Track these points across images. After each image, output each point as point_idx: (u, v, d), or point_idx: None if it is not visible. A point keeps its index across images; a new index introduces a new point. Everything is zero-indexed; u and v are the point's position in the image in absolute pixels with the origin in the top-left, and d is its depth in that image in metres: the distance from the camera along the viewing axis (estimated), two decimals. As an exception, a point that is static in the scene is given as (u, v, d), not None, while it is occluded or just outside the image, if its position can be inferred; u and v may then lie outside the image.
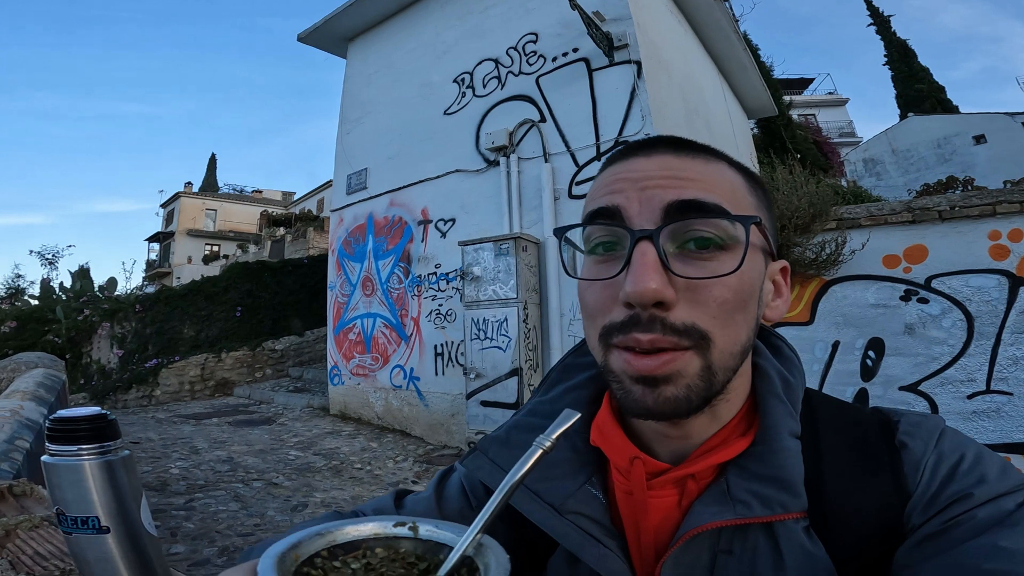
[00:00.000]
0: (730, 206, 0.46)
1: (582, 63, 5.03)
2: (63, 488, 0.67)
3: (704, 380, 0.45)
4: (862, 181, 14.25)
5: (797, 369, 0.54)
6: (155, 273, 30.01)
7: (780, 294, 0.54)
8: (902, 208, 3.53)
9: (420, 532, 0.35)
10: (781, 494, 0.46)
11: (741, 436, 0.50)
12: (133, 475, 0.71)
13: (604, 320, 0.47)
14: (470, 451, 0.59)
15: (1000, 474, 0.45)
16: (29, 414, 2.48)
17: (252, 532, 3.29)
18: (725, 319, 0.45)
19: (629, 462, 0.51)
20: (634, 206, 0.46)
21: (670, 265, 0.44)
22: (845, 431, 0.51)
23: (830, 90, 24.53)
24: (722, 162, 0.50)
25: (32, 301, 10.74)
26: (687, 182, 0.46)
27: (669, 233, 0.45)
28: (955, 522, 0.43)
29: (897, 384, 3.45)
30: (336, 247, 7.04)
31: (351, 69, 7.26)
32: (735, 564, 0.47)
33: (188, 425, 6.39)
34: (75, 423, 0.67)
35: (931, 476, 0.46)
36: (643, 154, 0.49)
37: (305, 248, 17.18)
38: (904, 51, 20.37)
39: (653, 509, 0.50)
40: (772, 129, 11.01)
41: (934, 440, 0.48)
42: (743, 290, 0.46)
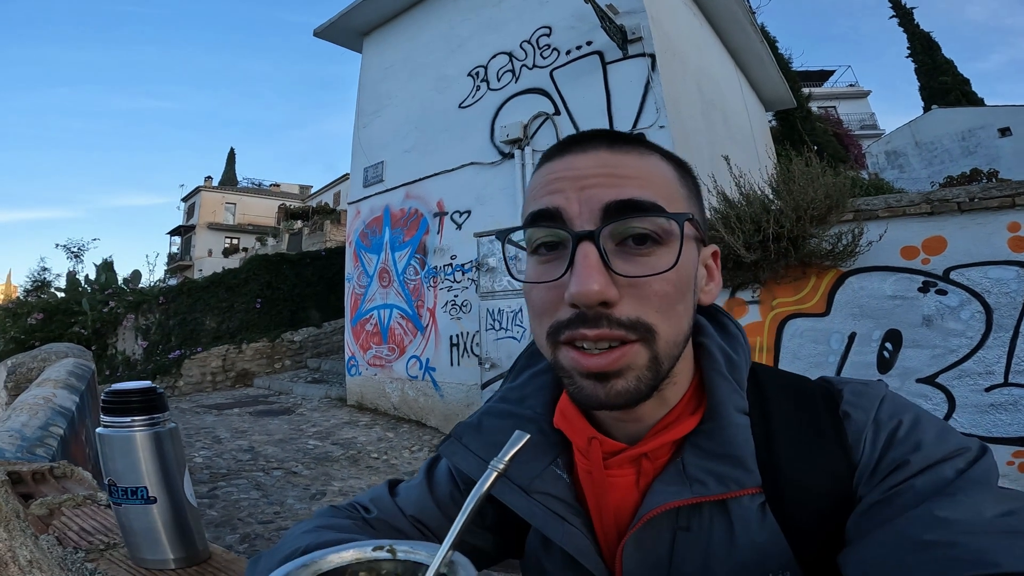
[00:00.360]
0: (665, 200, 0.48)
1: (596, 56, 5.03)
2: (115, 459, 0.72)
3: (652, 370, 0.47)
4: (884, 173, 14.02)
5: (741, 346, 0.55)
6: (177, 266, 30.52)
7: (712, 278, 0.55)
8: (920, 200, 3.48)
9: (398, 554, 0.39)
10: (735, 471, 0.48)
11: (691, 415, 0.52)
12: (178, 447, 0.76)
13: (551, 319, 0.48)
14: (446, 437, 0.62)
15: (936, 439, 0.46)
16: (62, 401, 2.54)
17: (272, 520, 3.38)
18: (667, 311, 0.47)
19: (588, 442, 0.53)
20: (574, 207, 0.47)
21: (611, 264, 0.46)
22: (793, 404, 0.52)
23: (851, 82, 24.15)
24: (655, 154, 0.51)
25: (58, 293, 10.95)
26: (624, 179, 0.47)
27: (609, 232, 0.46)
28: (896, 491, 0.44)
29: (914, 376, 3.42)
30: (353, 239, 7.12)
31: (367, 63, 7.31)
32: (692, 540, 0.49)
33: (211, 415, 6.55)
34: (128, 395, 0.73)
35: (872, 445, 0.48)
36: (579, 150, 0.50)
37: (322, 241, 17.35)
38: (928, 43, 20.07)
39: (612, 488, 0.53)
40: (790, 121, 10.88)
41: (874, 408, 0.49)
42: (681, 282, 0.48)
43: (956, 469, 0.44)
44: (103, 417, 0.73)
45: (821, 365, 3.71)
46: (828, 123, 13.23)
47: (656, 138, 4.57)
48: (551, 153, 0.53)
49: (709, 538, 0.49)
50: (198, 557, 0.79)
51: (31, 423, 1.95)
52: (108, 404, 0.73)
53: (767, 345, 3.92)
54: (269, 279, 10.04)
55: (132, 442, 0.72)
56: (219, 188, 34.27)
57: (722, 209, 3.88)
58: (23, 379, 3.31)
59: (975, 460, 0.45)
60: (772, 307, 3.92)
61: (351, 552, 0.38)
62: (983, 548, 0.37)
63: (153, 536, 0.76)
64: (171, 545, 0.76)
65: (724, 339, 0.56)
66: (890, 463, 0.46)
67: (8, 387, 3.27)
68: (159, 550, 0.76)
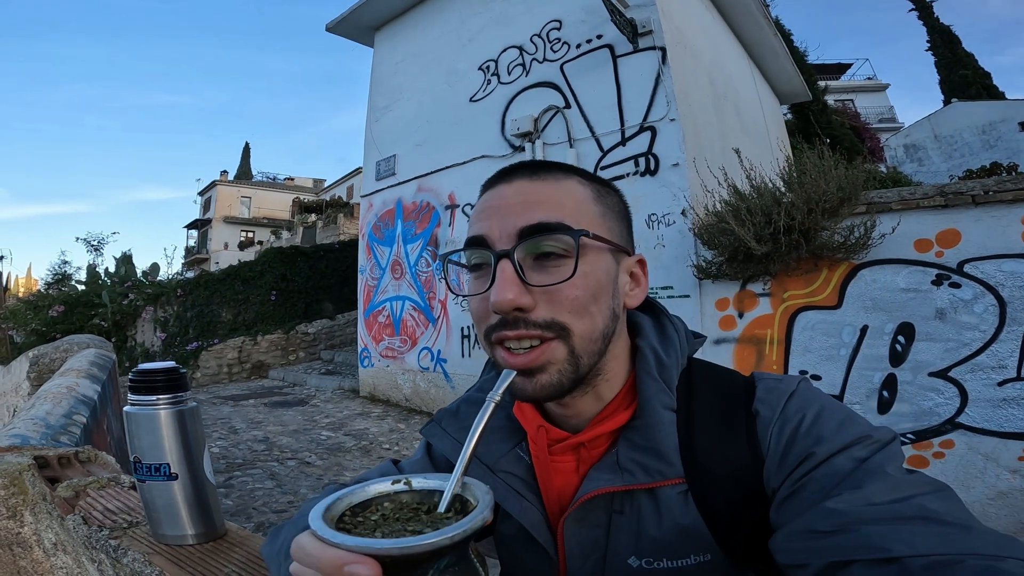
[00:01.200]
0: (572, 220, 0.55)
1: (606, 49, 5.01)
2: (141, 436, 0.77)
3: (571, 364, 0.54)
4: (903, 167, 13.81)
5: (674, 348, 0.61)
6: (194, 259, 30.89)
7: (638, 284, 0.62)
8: (934, 192, 3.45)
9: (414, 484, 0.44)
10: (659, 463, 0.54)
11: (625, 409, 0.59)
12: (199, 425, 0.80)
13: (485, 324, 0.56)
14: (429, 421, 0.69)
15: (836, 430, 0.50)
16: (84, 391, 2.61)
17: (286, 509, 3.44)
18: (580, 311, 0.54)
19: (536, 430, 0.61)
20: (495, 232, 0.56)
21: (526, 276, 0.54)
22: (714, 401, 0.58)
23: (869, 75, 23.89)
24: (573, 178, 0.59)
25: (79, 286, 11.16)
26: (536, 205, 0.55)
27: (524, 249, 0.54)
28: (800, 484, 0.48)
29: (927, 370, 3.39)
30: (366, 232, 7.18)
31: (378, 58, 7.33)
32: (625, 522, 0.56)
33: (227, 406, 6.67)
34: (153, 375, 0.77)
35: (777, 440, 0.52)
36: (505, 181, 0.59)
37: (336, 233, 17.48)
38: (948, 37, 19.93)
39: (556, 472, 0.60)
40: (806, 114, 10.74)
41: (781, 404, 0.54)
42: (590, 287, 0.55)
43: (855, 459, 0.47)
44: (130, 396, 0.78)
45: (833, 358, 3.69)
46: (845, 116, 13.02)
47: (666, 131, 4.56)
48: (486, 185, 0.61)
49: (639, 520, 0.55)
50: (215, 533, 0.84)
51: (55, 411, 2.00)
52: (135, 383, 0.77)
53: (777, 338, 3.91)
54: (284, 272, 10.15)
55: (156, 420, 0.76)
56: (235, 182, 34.59)
57: (733, 201, 3.86)
58: (46, 369, 3.40)
59: (878, 449, 0.48)
60: (783, 299, 3.90)
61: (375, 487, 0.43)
62: (873, 535, 0.40)
63: (174, 512, 0.80)
64: (190, 521, 0.81)
65: (660, 340, 0.62)
66: (796, 456, 0.50)
67: (31, 377, 3.37)
68: (179, 526, 0.80)
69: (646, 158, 4.68)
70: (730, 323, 4.11)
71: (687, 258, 4.27)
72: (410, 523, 0.39)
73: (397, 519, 0.40)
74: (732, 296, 4.11)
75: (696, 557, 0.53)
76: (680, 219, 4.41)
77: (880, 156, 14.08)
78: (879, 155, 13.96)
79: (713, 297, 4.20)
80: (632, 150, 4.77)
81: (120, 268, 11.13)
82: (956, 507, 0.42)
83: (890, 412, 3.47)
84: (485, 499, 0.39)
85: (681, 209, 4.38)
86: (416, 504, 0.42)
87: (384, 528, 0.39)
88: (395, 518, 0.40)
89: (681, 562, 0.53)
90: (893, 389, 3.49)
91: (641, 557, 0.54)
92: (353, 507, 0.41)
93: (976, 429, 3.21)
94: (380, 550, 0.34)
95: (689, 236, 4.31)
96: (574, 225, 0.54)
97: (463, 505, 0.41)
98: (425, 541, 0.34)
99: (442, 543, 0.34)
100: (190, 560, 0.77)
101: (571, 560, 0.57)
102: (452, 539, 0.34)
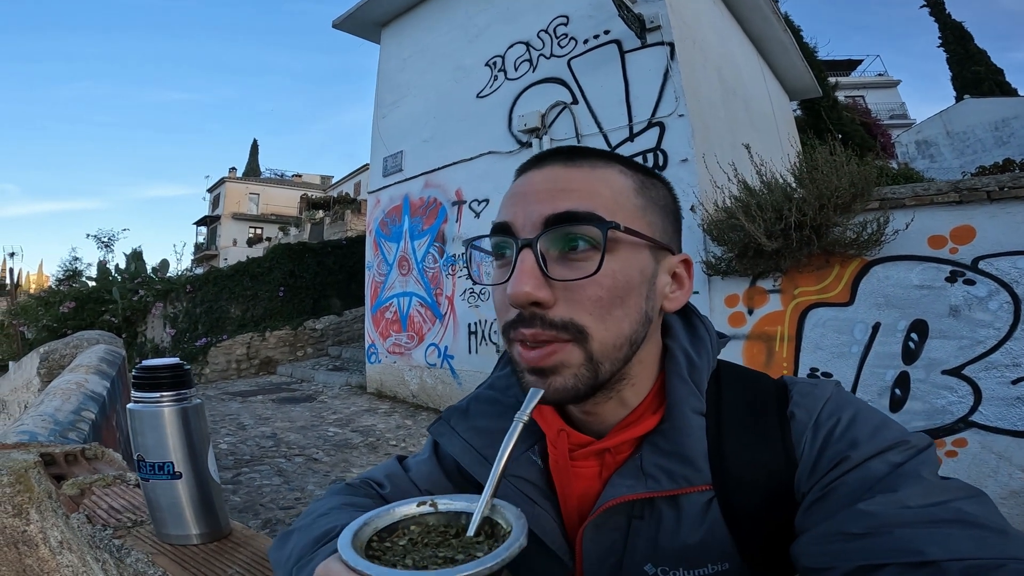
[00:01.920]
0: (607, 211, 0.50)
1: (614, 45, 4.98)
2: (145, 434, 0.76)
3: (589, 370, 0.50)
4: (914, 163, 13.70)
5: (705, 350, 0.58)
6: (203, 255, 31.12)
7: (681, 286, 0.58)
8: (949, 188, 3.40)
9: (440, 507, 0.43)
10: (685, 469, 0.52)
11: (653, 413, 0.56)
12: (203, 423, 0.79)
13: (504, 319, 0.53)
14: (437, 419, 0.66)
15: (871, 435, 0.48)
16: (93, 387, 2.62)
17: (292, 506, 3.44)
18: (601, 314, 0.50)
19: (557, 434, 0.58)
20: (520, 219, 0.52)
21: (549, 269, 0.50)
22: (746, 405, 0.55)
23: (880, 72, 23.80)
24: (613, 167, 0.54)
25: (89, 283, 11.24)
26: (567, 193, 0.51)
27: (548, 239, 0.51)
28: (831, 487, 0.47)
29: (940, 368, 3.35)
30: (373, 228, 7.19)
31: (385, 54, 7.32)
32: (644, 528, 0.54)
33: (235, 402, 6.71)
34: (157, 371, 0.76)
35: (811, 444, 0.50)
36: (537, 167, 0.55)
37: (343, 230, 17.54)
38: (960, 33, 19.92)
39: (576, 477, 0.57)
40: (816, 110, 10.64)
41: (817, 408, 0.52)
42: (617, 287, 0.50)
43: (890, 463, 0.46)
44: (134, 393, 0.76)
45: (844, 355, 3.66)
46: (855, 112, 12.89)
47: (675, 127, 4.52)
48: (519, 170, 0.58)
49: (659, 526, 0.53)
50: (220, 533, 0.83)
51: (64, 408, 2.01)
52: (139, 380, 0.76)
53: (787, 335, 3.87)
54: (292, 268, 10.18)
55: (160, 417, 0.75)
56: (243, 179, 34.77)
57: (742, 197, 3.83)
58: (56, 365, 3.42)
59: (913, 454, 0.46)
60: (794, 296, 3.87)
61: (400, 510, 0.42)
62: (907, 538, 0.39)
63: (178, 511, 0.79)
64: (194, 521, 0.80)
65: (691, 342, 0.59)
66: (829, 461, 0.48)
67: (42, 373, 3.39)
68: (183, 525, 0.79)
69: (654, 154, 4.65)
70: (740, 320, 4.08)
71: (696, 254, 4.24)
72: (440, 548, 0.38)
73: (426, 544, 0.39)
74: (742, 293, 4.08)
75: (714, 566, 0.51)
76: (689, 215, 4.38)
77: (891, 152, 13.96)
78: (890, 151, 13.83)
79: (722, 294, 4.17)
80: (640, 146, 4.74)
81: (130, 264, 11.20)
82: (992, 512, 0.41)
83: (903, 410, 3.43)
84: (519, 524, 0.37)
85: (690, 205, 4.35)
86: (443, 527, 0.41)
87: (414, 554, 0.38)
88: (424, 543, 0.39)
89: (698, 571, 0.52)
90: (906, 387, 3.45)
91: (657, 565, 0.53)
92: (379, 531, 0.40)
93: (990, 428, 3.17)
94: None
95: (698, 232, 4.28)
96: (607, 217, 0.50)
97: (492, 528, 0.40)
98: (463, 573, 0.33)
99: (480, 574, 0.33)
100: (194, 560, 0.76)
101: (588, 565, 0.56)
102: (491, 569, 0.33)
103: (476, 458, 0.60)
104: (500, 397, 0.64)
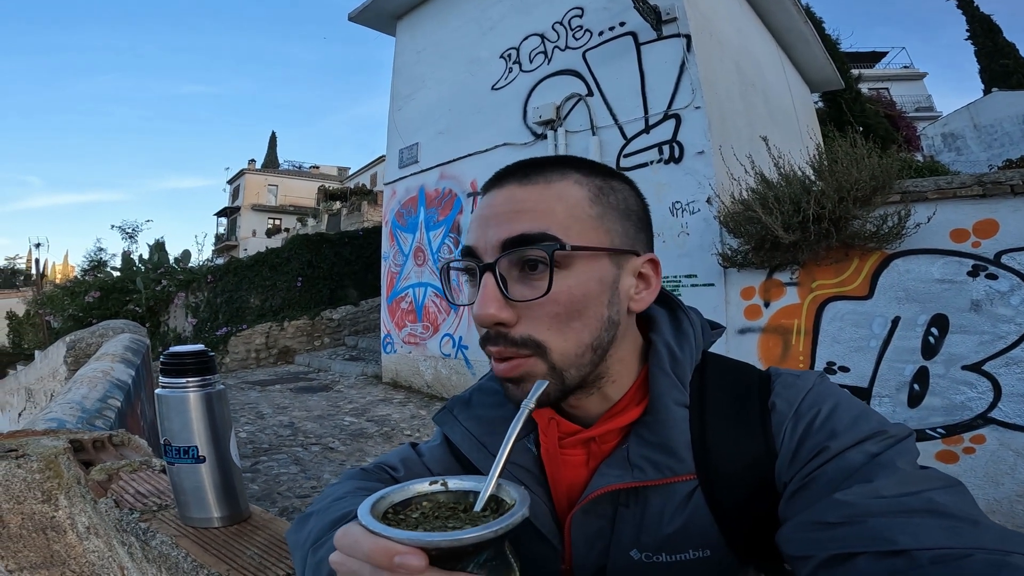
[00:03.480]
0: (561, 227, 0.52)
1: (629, 37, 4.94)
2: (171, 419, 0.79)
3: (555, 377, 0.53)
4: (940, 156, 13.39)
5: (688, 343, 0.60)
6: (224, 246, 31.52)
7: (648, 285, 0.59)
8: (972, 182, 3.33)
9: (450, 486, 0.45)
10: (669, 459, 0.54)
11: (637, 404, 0.58)
12: (226, 408, 0.82)
13: (480, 334, 0.56)
14: (441, 408, 0.69)
15: (851, 425, 0.49)
16: (119, 375, 2.68)
17: (309, 494, 3.50)
18: (560, 328, 0.53)
19: (547, 423, 0.60)
20: (481, 243, 0.55)
21: (509, 290, 0.53)
22: (728, 396, 0.57)
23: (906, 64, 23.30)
24: (566, 179, 0.56)
25: (114, 273, 11.48)
26: (520, 215, 0.53)
27: (507, 262, 0.53)
28: (811, 477, 0.48)
29: (960, 363, 3.30)
30: (389, 219, 7.24)
31: (400, 47, 7.33)
32: (630, 515, 0.56)
33: (255, 391, 6.83)
34: (183, 357, 0.79)
35: (791, 435, 0.52)
36: (497, 187, 0.57)
37: (360, 221, 17.63)
38: (988, 26, 19.64)
39: (565, 465, 0.60)
40: (838, 103, 10.41)
41: (798, 399, 0.54)
42: (574, 302, 0.53)
43: (867, 453, 0.47)
44: (161, 379, 0.80)
45: (862, 349, 3.62)
46: (879, 105, 12.61)
47: (691, 119, 4.48)
48: (483, 189, 0.60)
49: (643, 514, 0.56)
50: (240, 516, 0.86)
51: (91, 395, 2.07)
52: (166, 365, 0.80)
53: (804, 328, 3.84)
54: (310, 258, 10.29)
55: (186, 402, 0.79)
56: (262, 171, 35.10)
57: (760, 190, 3.79)
58: (82, 354, 3.52)
59: (891, 444, 0.47)
60: (811, 289, 3.83)
61: (414, 487, 0.45)
62: (880, 527, 0.40)
63: (201, 495, 0.82)
64: (216, 504, 0.83)
65: (675, 336, 0.60)
66: (809, 451, 0.50)
67: (68, 362, 3.49)
68: (206, 508, 0.83)
69: (670, 146, 4.61)
70: (756, 312, 4.05)
71: (712, 246, 4.21)
72: (450, 520, 0.41)
73: (436, 517, 0.42)
74: (758, 285, 4.05)
75: (695, 552, 0.54)
76: (704, 207, 4.34)
77: (916, 145, 13.65)
78: (915, 144, 13.53)
79: (738, 286, 4.14)
80: (656, 138, 4.70)
81: (153, 255, 11.41)
82: (965, 502, 0.42)
83: (921, 406, 3.39)
84: (522, 499, 0.40)
85: (706, 197, 4.31)
86: (453, 503, 0.44)
87: (425, 525, 0.41)
88: (435, 516, 0.42)
89: (679, 556, 0.54)
90: (925, 382, 3.40)
91: (642, 551, 0.55)
92: (394, 505, 0.43)
93: (1009, 425, 3.12)
94: (429, 542, 0.35)
95: (714, 224, 4.25)
96: (561, 233, 0.52)
97: (498, 505, 0.42)
98: (472, 534, 0.36)
99: (486, 536, 0.36)
100: (215, 542, 0.79)
101: (576, 549, 0.58)
102: (496, 532, 0.36)
103: (475, 445, 0.63)
104: (501, 388, 0.66)
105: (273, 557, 0.76)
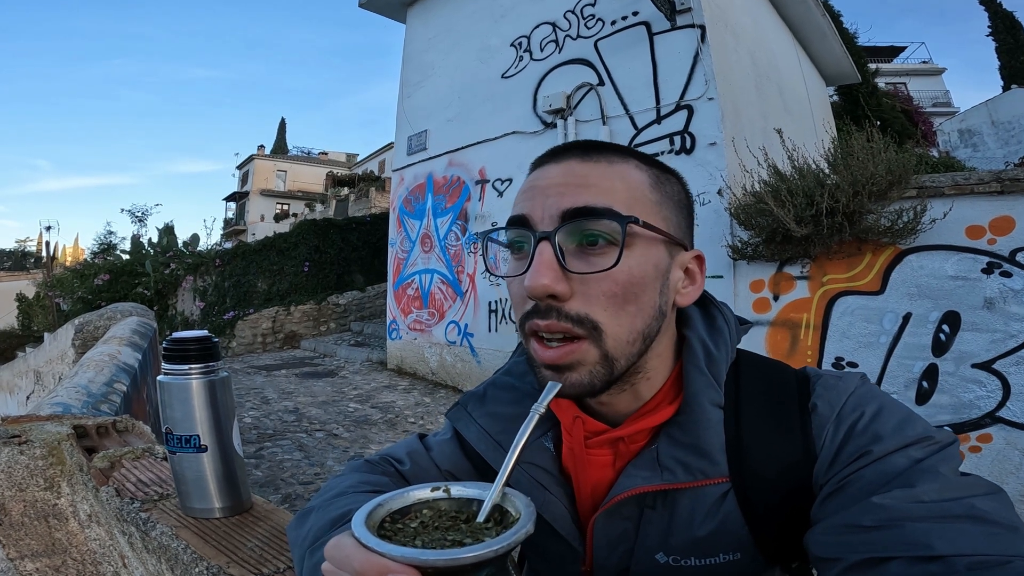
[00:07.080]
0: (624, 206, 0.50)
1: (642, 27, 4.87)
2: (173, 406, 0.77)
3: (604, 367, 0.51)
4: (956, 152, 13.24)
5: (724, 340, 0.57)
6: (232, 230, 31.69)
7: (693, 281, 0.57)
8: (991, 178, 3.27)
9: (452, 493, 0.43)
10: (702, 461, 0.52)
11: (669, 404, 0.56)
12: (229, 396, 0.81)
13: (520, 311, 0.53)
14: (455, 404, 0.67)
15: (895, 430, 0.48)
16: (126, 359, 2.68)
17: (312, 481, 3.51)
18: (615, 310, 0.50)
19: (572, 421, 0.58)
20: (538, 213, 0.52)
21: (566, 262, 0.50)
22: (765, 397, 0.55)
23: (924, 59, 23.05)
24: (629, 162, 0.54)
25: (123, 256, 11.51)
26: (584, 188, 0.51)
27: (566, 233, 0.51)
28: (848, 480, 0.47)
29: (970, 361, 3.26)
30: (397, 205, 7.23)
31: (411, 34, 7.27)
32: (656, 518, 0.54)
33: (260, 376, 6.86)
34: (186, 343, 0.78)
35: (832, 437, 0.50)
36: (554, 161, 0.55)
37: (367, 207, 17.65)
38: (1010, 23, 19.46)
39: (591, 465, 0.57)
40: (854, 96, 10.26)
41: (840, 402, 0.52)
42: (631, 283, 0.51)
43: (911, 459, 0.45)
44: (164, 365, 0.78)
45: (872, 345, 3.58)
46: (896, 99, 12.39)
47: (704, 110, 4.42)
48: (535, 163, 0.58)
49: (672, 517, 0.54)
50: (241, 506, 0.85)
51: (97, 379, 2.07)
52: (169, 352, 0.78)
53: (814, 323, 3.80)
54: (317, 243, 10.30)
55: (188, 390, 0.77)
56: (271, 156, 35.20)
57: (773, 182, 3.74)
58: (90, 337, 3.53)
59: (935, 451, 0.46)
60: (822, 283, 3.79)
61: (415, 494, 0.43)
62: (917, 532, 0.39)
63: (202, 485, 0.81)
64: (218, 494, 0.82)
65: (709, 332, 0.58)
66: (850, 454, 0.48)
67: (76, 344, 3.51)
68: (207, 499, 0.82)
69: (682, 136, 4.56)
70: (764, 306, 4.02)
71: (722, 238, 4.17)
72: (449, 532, 0.39)
73: (436, 527, 0.40)
74: (768, 278, 4.01)
75: (726, 556, 0.52)
76: (715, 199, 4.29)
77: (933, 140, 13.46)
78: (932, 139, 13.34)
79: (748, 278, 4.10)
80: (667, 128, 4.65)
81: (163, 238, 11.43)
82: (1006, 509, 0.41)
83: (929, 403, 3.35)
84: (527, 511, 0.38)
85: (717, 189, 4.26)
86: (455, 512, 0.42)
87: (424, 536, 0.39)
88: (434, 526, 0.40)
89: (710, 560, 0.52)
90: (933, 379, 3.37)
91: (669, 554, 0.53)
92: (392, 513, 0.42)
93: (1016, 424, 3.09)
94: (424, 561, 0.33)
95: (724, 216, 4.20)
96: (624, 212, 0.50)
97: (502, 516, 0.41)
98: (469, 554, 0.34)
99: (486, 556, 0.34)
100: (216, 534, 0.78)
101: (598, 551, 0.57)
102: (496, 552, 0.34)
103: (491, 444, 0.61)
104: (517, 383, 0.64)
105: (274, 549, 0.75)
